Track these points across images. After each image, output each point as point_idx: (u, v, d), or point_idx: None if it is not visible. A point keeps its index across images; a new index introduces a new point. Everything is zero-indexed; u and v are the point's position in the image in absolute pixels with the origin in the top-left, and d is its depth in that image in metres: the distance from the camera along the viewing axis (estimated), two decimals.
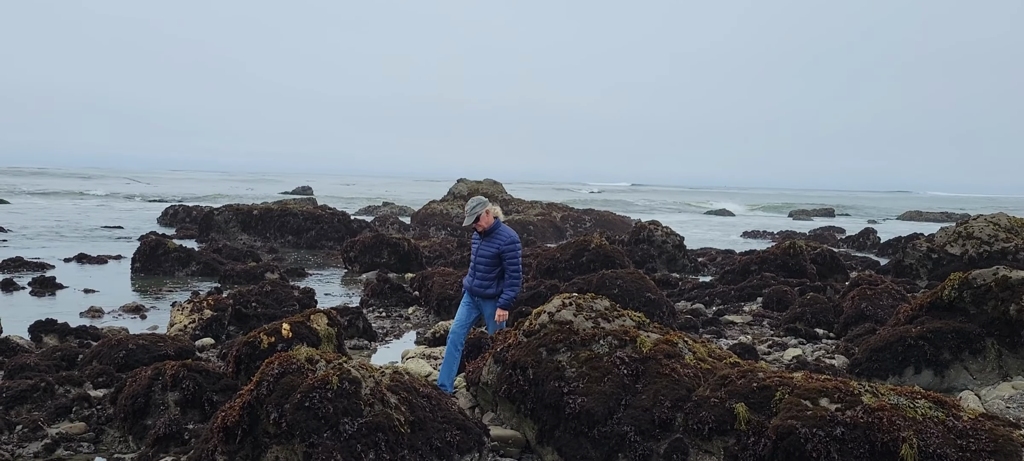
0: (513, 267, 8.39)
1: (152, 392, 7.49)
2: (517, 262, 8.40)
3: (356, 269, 21.48)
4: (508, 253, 8.37)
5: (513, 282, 8.40)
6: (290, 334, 8.74)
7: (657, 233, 23.32)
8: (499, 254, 8.38)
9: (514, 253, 8.38)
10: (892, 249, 29.53)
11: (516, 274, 8.40)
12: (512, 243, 8.40)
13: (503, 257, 8.38)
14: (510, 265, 8.38)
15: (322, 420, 5.65)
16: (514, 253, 8.38)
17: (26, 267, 19.80)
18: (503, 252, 8.37)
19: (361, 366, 6.19)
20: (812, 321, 12.93)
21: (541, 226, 35.91)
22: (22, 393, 8.04)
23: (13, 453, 7.04)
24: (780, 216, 66.09)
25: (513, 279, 8.40)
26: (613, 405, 6.11)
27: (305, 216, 29.98)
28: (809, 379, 5.73)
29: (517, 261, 8.40)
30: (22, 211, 43.46)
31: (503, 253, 8.37)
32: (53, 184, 78.96)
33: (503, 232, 8.48)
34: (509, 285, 8.40)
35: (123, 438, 7.50)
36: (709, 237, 40.21)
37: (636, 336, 6.60)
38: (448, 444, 5.96)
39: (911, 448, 4.88)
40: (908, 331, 9.21)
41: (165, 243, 20.73)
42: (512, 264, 8.38)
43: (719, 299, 16.19)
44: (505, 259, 8.38)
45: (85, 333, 11.80)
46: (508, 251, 8.37)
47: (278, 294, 13.49)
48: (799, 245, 18.96)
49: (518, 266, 8.41)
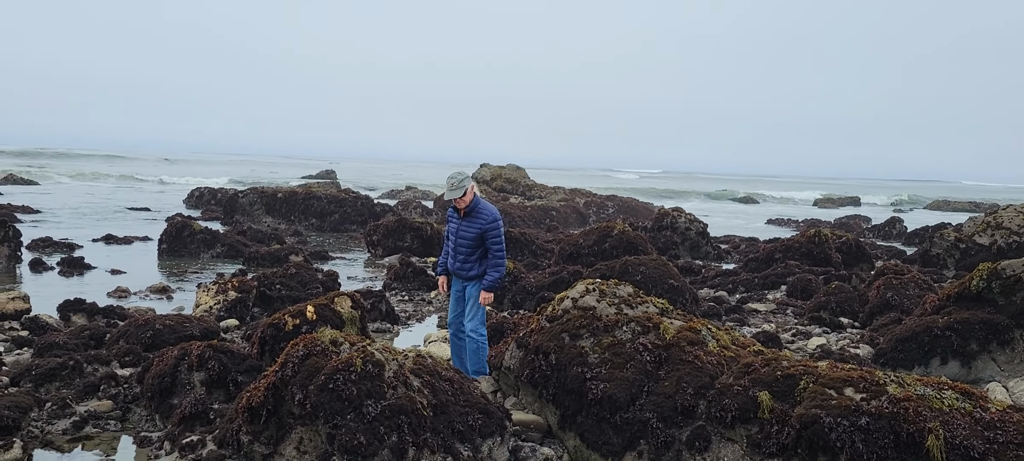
0: (496, 247, 8.02)
1: (178, 372, 7.58)
2: (500, 241, 8.04)
3: (379, 253, 21.57)
4: (491, 232, 8.00)
5: (497, 262, 8.04)
6: (314, 316, 8.80)
7: (680, 220, 23.22)
8: (482, 234, 8.02)
9: (497, 232, 8.02)
10: (919, 238, 29.21)
11: (499, 254, 8.04)
12: (494, 222, 8.03)
13: (486, 237, 8.02)
14: (493, 244, 8.02)
15: (346, 402, 5.69)
16: (497, 232, 8.02)
17: (55, 247, 20.08)
18: (486, 231, 8.00)
19: (384, 349, 6.23)
20: (837, 310, 12.83)
21: (564, 212, 35.86)
22: (51, 371, 8.16)
23: (43, 430, 7.16)
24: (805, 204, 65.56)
25: (497, 259, 8.03)
26: (635, 391, 6.10)
27: (329, 199, 30.13)
28: (834, 368, 5.70)
29: (500, 240, 8.04)
30: (50, 192, 44.04)
31: (486, 232, 8.00)
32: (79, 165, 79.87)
33: (484, 210, 8.09)
34: (493, 266, 8.04)
35: (149, 416, 7.60)
36: (732, 224, 39.98)
37: (659, 323, 6.58)
38: (470, 428, 5.98)
39: (937, 439, 4.83)
40: (935, 321, 9.12)
41: (191, 225, 20.91)
42: (495, 243, 8.02)
43: (743, 287, 16.11)
44: (488, 239, 8.02)
45: (112, 313, 11.95)
46: (491, 230, 8.00)
47: (302, 277, 13.58)
48: (824, 233, 18.80)
49: (501, 245, 8.04)
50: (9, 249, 16.96)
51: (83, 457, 6.71)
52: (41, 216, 29.29)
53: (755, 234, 31.90)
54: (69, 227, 25.48)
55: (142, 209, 34.76)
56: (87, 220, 28.79)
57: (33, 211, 30.40)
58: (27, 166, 69.54)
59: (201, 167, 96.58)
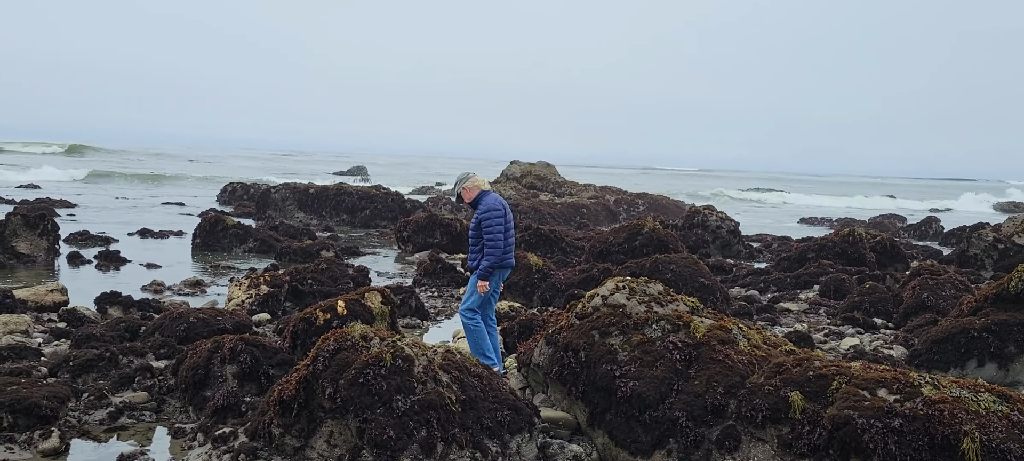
0: (489, 235, 8.04)
1: (211, 364, 7.67)
2: (492, 230, 8.05)
3: (409, 249, 21.67)
4: (484, 220, 8.08)
5: (488, 251, 8.06)
6: (345, 311, 8.86)
7: (711, 218, 23.07)
8: (478, 223, 8.14)
9: (489, 220, 8.05)
10: (956, 238, 28.74)
11: (491, 242, 8.03)
12: (487, 210, 8.10)
13: (481, 225, 8.11)
14: (486, 233, 8.06)
15: (376, 396, 5.73)
16: (489, 220, 8.05)
17: (92, 241, 20.42)
18: (481, 220, 8.11)
19: (414, 344, 6.26)
20: (870, 310, 12.67)
21: (594, 209, 35.78)
22: (89, 362, 8.30)
23: (80, 420, 7.29)
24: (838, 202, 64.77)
25: (489, 248, 8.06)
26: (665, 390, 6.08)
27: (360, 195, 30.33)
28: (867, 369, 5.63)
29: (492, 229, 8.05)
30: (86, 187, 44.76)
31: (481, 221, 8.11)
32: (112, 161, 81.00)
33: (483, 201, 8.24)
34: (485, 254, 8.08)
35: (183, 408, 7.70)
36: (764, 223, 39.62)
37: (690, 321, 6.55)
38: (499, 424, 6.00)
39: (973, 442, 4.76)
40: (971, 323, 8.98)
41: (224, 220, 21.15)
42: (488, 231, 8.05)
43: (774, 286, 15.96)
44: (482, 227, 8.10)
45: (147, 306, 12.14)
46: (484, 218, 8.09)
47: (333, 272, 13.68)
48: (858, 232, 18.57)
49: (494, 234, 8.04)
50: (48, 243, 17.27)
51: (119, 447, 6.81)
52: (78, 210, 29.78)
53: (788, 233, 31.58)
54: (105, 222, 25.88)
55: (177, 204, 35.22)
56: (123, 215, 29.22)
57: (70, 205, 30.93)
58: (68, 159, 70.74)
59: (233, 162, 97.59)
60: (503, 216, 8.19)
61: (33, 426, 6.84)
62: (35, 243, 16.99)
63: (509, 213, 8.41)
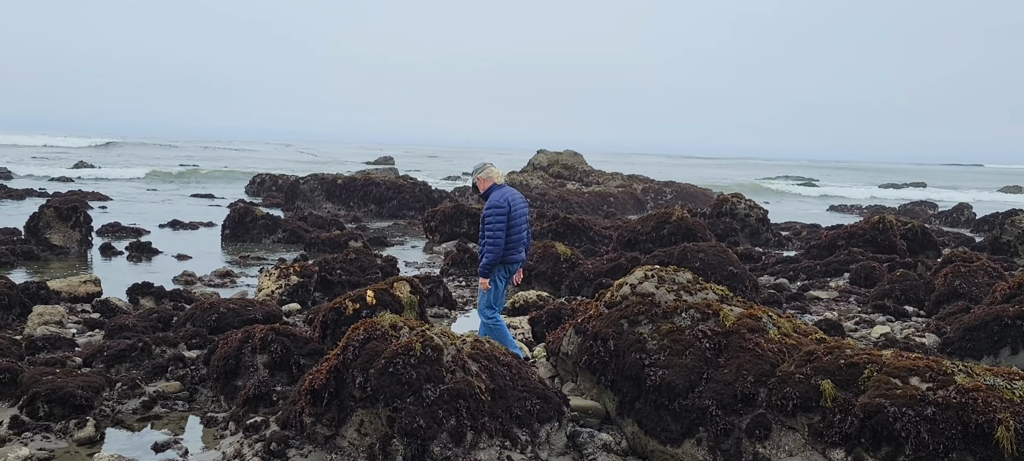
0: (489, 232, 7.94)
1: (242, 354, 7.75)
2: (493, 225, 7.92)
3: (436, 239, 21.73)
4: (486, 216, 7.98)
5: (488, 249, 7.96)
6: (374, 301, 8.91)
7: (740, 206, 22.91)
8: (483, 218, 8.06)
9: (491, 216, 7.93)
10: (988, 225, 28.31)
11: (491, 239, 7.92)
12: (491, 207, 7.96)
13: (484, 221, 8.03)
14: (487, 230, 7.97)
15: (405, 385, 5.77)
16: (491, 216, 7.93)
17: (124, 232, 20.70)
18: (484, 215, 8.01)
19: (442, 333, 6.29)
20: (901, 298, 12.54)
21: (621, 198, 35.66)
22: (122, 352, 8.43)
23: (114, 409, 7.40)
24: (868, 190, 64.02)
25: (488, 245, 7.95)
26: (694, 378, 6.06)
27: (387, 186, 30.44)
28: (899, 357, 5.57)
29: (493, 224, 7.92)
30: (118, 177, 45.33)
31: (484, 216, 8.01)
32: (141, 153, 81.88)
33: (491, 196, 8.09)
34: (485, 252, 8.00)
35: (215, 397, 7.79)
36: (793, 211, 39.28)
37: (719, 309, 6.51)
38: (528, 412, 6.01)
39: (1007, 431, 4.70)
40: (1005, 310, 8.86)
41: (253, 211, 21.34)
42: (488, 227, 7.94)
43: (804, 274, 15.83)
44: (484, 223, 8.02)
45: (179, 297, 12.29)
46: (486, 213, 7.98)
47: (362, 262, 13.76)
48: (888, 220, 18.36)
49: (494, 230, 7.91)
50: (81, 234, 17.54)
51: (153, 436, 6.91)
52: (110, 202, 30.17)
53: (817, 220, 31.30)
54: (137, 214, 26.20)
55: (206, 196, 35.56)
56: (154, 207, 29.57)
57: (103, 197, 31.34)
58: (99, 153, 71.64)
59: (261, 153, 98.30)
60: (507, 213, 7.98)
61: (69, 415, 6.95)
62: (68, 235, 17.26)
63: (522, 207, 8.21)
